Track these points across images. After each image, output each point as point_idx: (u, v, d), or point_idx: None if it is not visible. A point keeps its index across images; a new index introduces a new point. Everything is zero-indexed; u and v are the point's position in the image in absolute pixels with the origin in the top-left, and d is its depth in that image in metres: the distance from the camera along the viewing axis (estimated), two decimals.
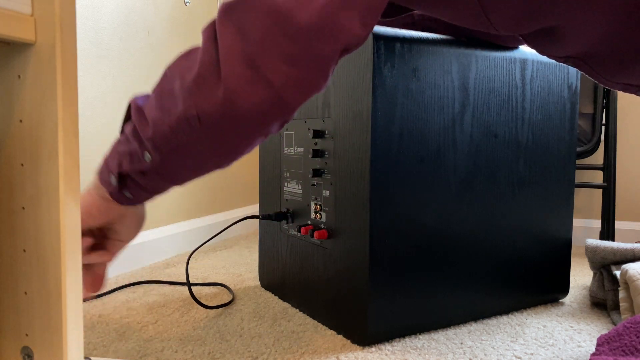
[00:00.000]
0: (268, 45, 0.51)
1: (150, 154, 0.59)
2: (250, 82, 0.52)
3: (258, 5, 0.52)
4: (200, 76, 0.54)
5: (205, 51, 0.56)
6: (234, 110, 0.53)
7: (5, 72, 0.58)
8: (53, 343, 0.59)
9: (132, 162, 0.61)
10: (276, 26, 0.51)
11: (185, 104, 0.55)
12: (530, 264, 1.05)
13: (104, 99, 1.30)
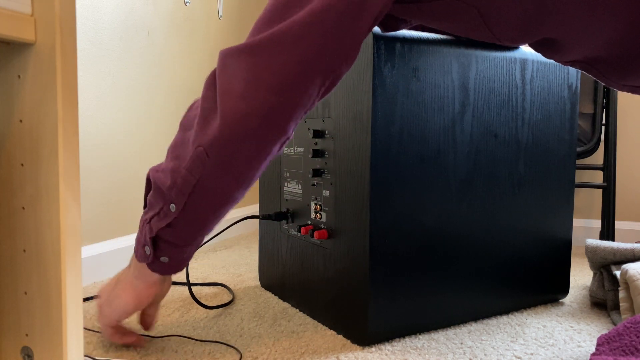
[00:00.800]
0: (252, 81, 0.59)
1: (174, 203, 0.65)
2: (242, 111, 0.59)
3: (243, 59, 0.61)
4: (201, 117, 0.61)
5: (205, 98, 0.63)
6: (232, 135, 0.59)
7: (5, 72, 0.58)
8: (53, 343, 0.59)
9: (160, 220, 0.67)
10: (255, 67, 0.60)
11: (194, 145, 0.61)
12: (530, 264, 1.05)
13: (104, 99, 1.30)
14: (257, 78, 0.57)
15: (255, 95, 0.57)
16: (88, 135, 1.26)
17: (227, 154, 0.60)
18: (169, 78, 1.54)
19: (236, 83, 0.58)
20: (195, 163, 0.61)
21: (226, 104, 0.58)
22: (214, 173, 0.61)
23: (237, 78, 0.58)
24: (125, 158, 1.38)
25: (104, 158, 1.31)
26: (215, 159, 0.60)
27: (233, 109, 0.57)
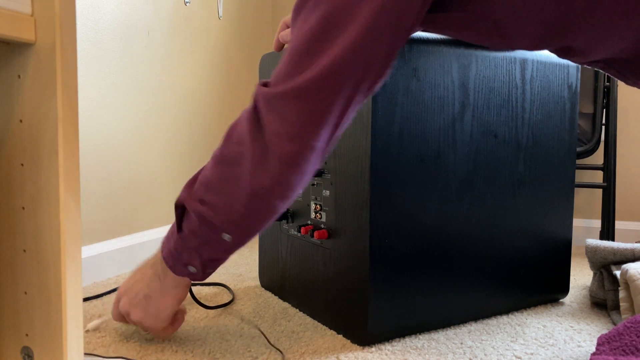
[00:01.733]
0: (303, 123, 0.62)
1: (229, 234, 0.69)
2: (295, 151, 0.64)
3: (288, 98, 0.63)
4: (255, 158, 0.63)
5: (253, 138, 0.64)
6: (288, 174, 0.64)
7: (5, 72, 0.58)
8: (53, 343, 0.59)
9: (214, 249, 0.71)
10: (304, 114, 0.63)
11: (253, 185, 0.65)
12: (530, 264, 1.05)
13: (104, 99, 1.30)
14: (306, 120, 0.61)
15: (306, 136, 0.62)
16: (88, 135, 1.26)
17: (284, 190, 0.65)
18: (168, 78, 1.54)
19: (287, 125, 0.61)
20: (255, 201, 0.66)
21: (280, 146, 0.62)
22: (274, 208, 0.67)
23: (288, 121, 0.61)
24: (125, 158, 1.38)
25: (104, 158, 1.31)
26: (275, 196, 0.65)
27: (288, 150, 0.62)
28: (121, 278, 1.29)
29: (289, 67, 0.61)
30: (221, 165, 0.67)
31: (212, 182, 0.67)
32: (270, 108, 0.62)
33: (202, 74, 1.71)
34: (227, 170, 0.66)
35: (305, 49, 0.60)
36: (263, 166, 0.63)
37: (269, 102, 0.62)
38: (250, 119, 0.64)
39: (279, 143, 0.61)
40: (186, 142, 1.64)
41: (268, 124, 0.62)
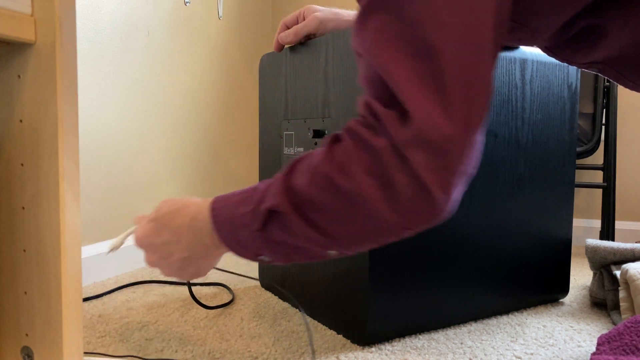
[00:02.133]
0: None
1: (335, 251, 0.59)
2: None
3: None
4: (406, 199, 0.51)
5: (403, 173, 0.51)
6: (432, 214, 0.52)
7: (5, 72, 0.58)
8: (53, 343, 0.59)
9: (307, 257, 0.61)
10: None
11: (399, 223, 0.53)
12: (530, 264, 1.05)
13: (104, 99, 1.30)
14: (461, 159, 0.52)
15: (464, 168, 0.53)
16: (88, 135, 1.26)
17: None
18: (168, 78, 1.54)
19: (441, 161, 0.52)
20: (388, 235, 0.57)
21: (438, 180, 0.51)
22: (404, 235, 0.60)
23: (444, 160, 0.51)
24: (125, 158, 1.38)
25: (104, 158, 1.31)
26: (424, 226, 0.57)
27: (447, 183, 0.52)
28: (121, 278, 1.29)
29: (430, 105, 0.49)
30: (341, 200, 0.54)
31: (326, 209, 0.56)
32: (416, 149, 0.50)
33: (202, 74, 1.71)
34: (350, 207, 0.55)
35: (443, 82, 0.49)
36: (416, 206, 0.52)
37: (416, 145, 0.50)
38: (389, 155, 0.51)
39: (436, 178, 0.50)
40: (186, 142, 1.64)
41: (415, 162, 0.50)
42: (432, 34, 0.47)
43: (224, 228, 0.63)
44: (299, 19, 0.99)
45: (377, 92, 0.51)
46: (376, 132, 0.50)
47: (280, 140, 1.09)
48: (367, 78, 0.53)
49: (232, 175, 1.90)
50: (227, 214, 0.62)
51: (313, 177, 0.54)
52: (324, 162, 0.52)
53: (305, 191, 0.55)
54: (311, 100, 0.98)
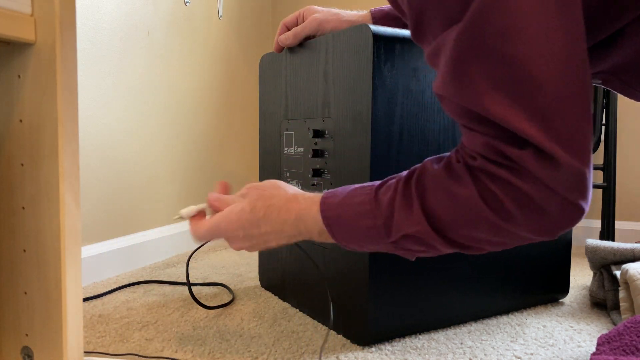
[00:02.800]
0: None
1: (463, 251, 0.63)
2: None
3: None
4: (558, 219, 0.55)
5: (555, 202, 0.54)
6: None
7: (5, 72, 0.58)
8: (53, 343, 0.59)
9: (435, 254, 0.64)
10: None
11: (549, 237, 0.57)
12: (530, 264, 1.05)
13: (104, 99, 1.30)
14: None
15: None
16: (88, 135, 1.26)
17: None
18: (169, 78, 1.54)
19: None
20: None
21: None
22: None
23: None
24: (125, 158, 1.38)
25: (104, 158, 1.31)
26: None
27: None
28: (121, 278, 1.29)
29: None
30: (493, 231, 0.57)
31: (473, 236, 0.59)
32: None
33: (202, 74, 1.71)
34: (500, 234, 0.57)
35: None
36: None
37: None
38: (537, 190, 0.53)
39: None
40: (186, 142, 1.64)
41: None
42: (537, 70, 0.48)
43: (342, 235, 0.64)
44: (298, 20, 0.99)
45: (496, 132, 0.52)
46: (517, 172, 0.52)
47: (280, 140, 1.09)
48: (468, 117, 0.54)
49: (232, 175, 1.90)
50: (346, 224, 0.63)
51: (461, 211, 0.56)
52: (475, 200, 0.55)
53: (449, 220, 0.58)
54: (311, 100, 0.98)
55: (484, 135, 0.53)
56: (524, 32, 0.48)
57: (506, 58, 0.49)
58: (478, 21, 0.49)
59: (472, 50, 0.50)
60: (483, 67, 0.50)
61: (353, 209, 0.63)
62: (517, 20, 0.48)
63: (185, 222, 1.64)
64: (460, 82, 0.52)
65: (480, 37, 0.50)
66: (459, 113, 0.55)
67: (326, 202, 0.64)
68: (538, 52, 0.48)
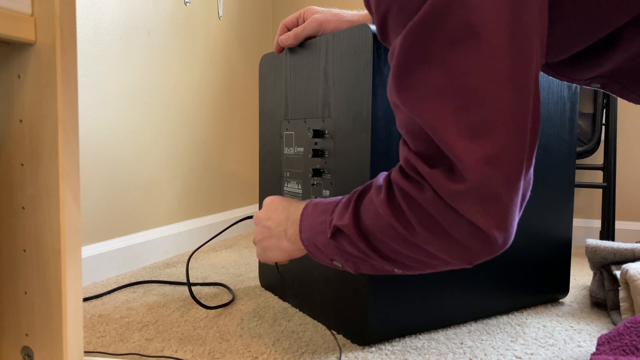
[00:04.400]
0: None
1: (399, 270, 0.62)
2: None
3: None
4: (464, 244, 0.53)
5: (459, 223, 0.53)
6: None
7: (5, 72, 0.59)
8: (53, 343, 0.59)
9: (376, 270, 0.64)
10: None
11: (457, 262, 0.56)
12: (530, 264, 1.05)
13: (104, 99, 1.30)
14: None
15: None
16: (88, 135, 1.26)
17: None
18: (169, 78, 1.54)
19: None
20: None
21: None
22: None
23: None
24: (125, 158, 1.38)
25: (104, 158, 1.31)
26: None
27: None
28: (121, 278, 1.29)
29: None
30: (402, 242, 0.57)
31: (387, 244, 0.59)
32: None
33: (202, 74, 1.71)
34: (409, 248, 0.57)
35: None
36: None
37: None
38: (440, 210, 0.53)
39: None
40: (186, 142, 1.64)
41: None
42: (479, 84, 0.47)
43: (306, 230, 0.69)
44: (299, 21, 0.99)
45: (418, 146, 0.52)
46: (421, 189, 0.51)
47: (280, 140, 1.09)
48: (406, 129, 0.53)
49: (232, 175, 1.90)
50: (310, 220, 0.68)
51: (376, 217, 0.57)
52: (383, 207, 0.56)
53: (369, 225, 0.59)
54: (311, 100, 0.98)
55: (408, 149, 0.53)
56: (471, 43, 0.47)
57: (450, 66, 0.48)
58: (426, 24, 0.48)
59: (417, 54, 0.49)
60: (426, 72, 0.49)
61: (321, 207, 0.67)
62: (467, 29, 0.47)
63: (185, 222, 1.64)
64: (405, 86, 0.51)
65: (426, 41, 0.48)
66: (403, 124, 0.54)
67: (311, 201, 0.71)
68: (483, 66, 0.47)
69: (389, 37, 0.55)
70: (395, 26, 0.52)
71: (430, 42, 0.48)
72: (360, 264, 0.65)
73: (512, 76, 0.47)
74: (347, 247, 0.63)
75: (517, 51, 0.47)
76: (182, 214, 1.63)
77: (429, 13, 0.48)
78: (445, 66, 0.48)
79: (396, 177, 0.54)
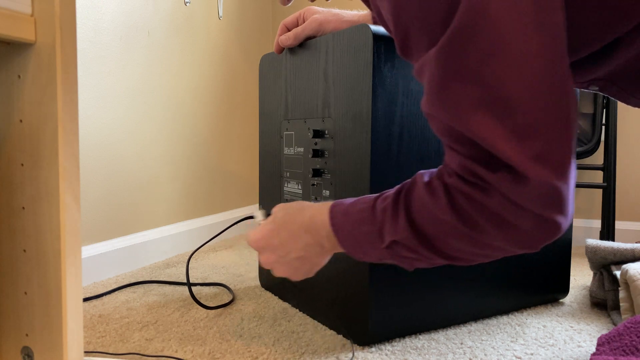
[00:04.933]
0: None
1: (460, 263, 0.64)
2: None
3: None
4: (532, 234, 0.57)
5: (527, 219, 0.56)
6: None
7: (5, 72, 0.59)
8: (53, 343, 0.59)
9: (431, 264, 0.65)
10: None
11: (525, 249, 0.59)
12: (530, 264, 1.05)
13: (104, 99, 1.30)
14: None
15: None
16: (88, 135, 1.26)
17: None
18: (169, 78, 1.54)
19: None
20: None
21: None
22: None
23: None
24: (126, 158, 1.38)
25: (104, 158, 1.31)
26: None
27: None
28: (121, 278, 1.29)
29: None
30: (469, 242, 0.60)
31: (452, 245, 0.62)
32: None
33: (202, 74, 1.71)
34: (476, 245, 0.61)
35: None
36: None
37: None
38: (508, 210, 0.56)
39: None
40: (186, 142, 1.64)
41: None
42: (516, 91, 0.50)
43: (347, 240, 0.68)
44: (299, 21, 0.99)
45: (468, 151, 0.54)
46: (487, 192, 0.54)
47: (280, 140, 1.09)
48: (449, 136, 0.56)
49: (232, 175, 1.91)
50: (349, 230, 0.68)
51: (437, 223, 0.59)
52: (447, 213, 0.57)
53: (430, 231, 0.60)
54: (311, 100, 0.98)
55: (460, 155, 0.56)
56: (502, 54, 0.49)
57: (486, 79, 0.50)
58: (457, 42, 0.50)
59: (453, 70, 0.52)
60: (464, 87, 0.51)
61: (355, 216, 0.66)
62: (496, 42, 0.49)
63: (185, 222, 1.64)
64: (444, 102, 0.53)
65: (460, 58, 0.51)
66: (443, 131, 0.56)
67: (334, 209, 0.68)
68: (516, 73, 0.49)
69: (412, 53, 0.57)
70: (419, 42, 0.54)
71: (464, 57, 0.50)
72: (417, 262, 0.66)
73: (545, 76, 0.50)
74: (404, 253, 0.64)
75: (547, 52, 0.50)
76: (182, 214, 1.63)
77: (459, 30, 0.50)
78: (481, 79, 0.50)
79: (456, 183, 0.56)
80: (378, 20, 0.63)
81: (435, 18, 0.52)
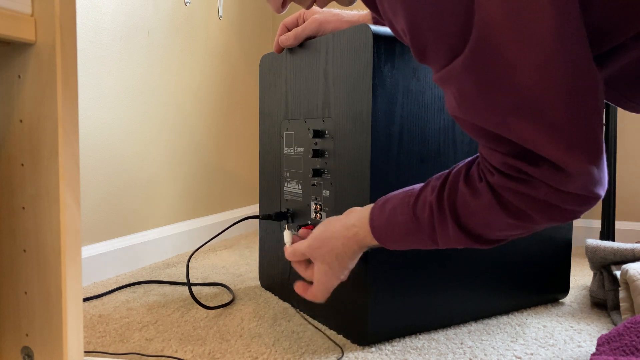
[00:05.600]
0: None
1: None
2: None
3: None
4: (577, 211, 0.63)
5: (573, 203, 0.62)
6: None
7: (5, 72, 0.58)
8: (53, 343, 0.59)
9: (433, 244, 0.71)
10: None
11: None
12: (530, 264, 1.05)
13: (104, 99, 1.30)
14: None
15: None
16: (88, 135, 1.26)
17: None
18: (169, 78, 1.54)
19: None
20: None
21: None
22: None
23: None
24: (125, 158, 1.38)
25: (104, 158, 1.31)
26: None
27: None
28: (121, 278, 1.29)
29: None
30: (519, 230, 0.66)
31: (504, 239, 0.69)
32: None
33: (202, 74, 1.71)
34: (527, 231, 0.67)
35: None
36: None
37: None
38: (555, 198, 0.61)
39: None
40: (186, 142, 1.64)
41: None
42: (542, 95, 0.53)
43: (394, 246, 0.74)
44: (299, 21, 0.99)
45: (507, 148, 0.58)
46: (533, 186, 0.59)
47: (280, 140, 1.09)
48: (485, 137, 0.60)
49: (232, 175, 1.90)
50: (400, 241, 0.73)
51: (488, 223, 0.65)
52: (494, 210, 0.63)
53: (480, 231, 0.66)
54: (311, 100, 0.98)
55: (500, 153, 0.59)
56: (525, 61, 0.52)
57: (514, 86, 0.53)
58: (482, 54, 0.53)
59: (484, 81, 0.55)
60: (498, 95, 0.55)
61: (399, 229, 0.72)
62: (516, 50, 0.52)
63: (185, 222, 1.64)
64: (481, 109, 0.57)
65: (488, 69, 0.54)
66: (478, 134, 0.60)
67: (374, 226, 0.74)
68: (540, 78, 0.52)
69: (431, 62, 0.60)
70: (438, 53, 0.57)
71: (492, 68, 0.53)
72: (459, 246, 0.72)
73: (566, 77, 0.53)
74: (454, 245, 0.70)
75: (569, 50, 0.53)
76: (182, 214, 1.63)
77: (481, 41, 0.53)
78: (511, 87, 0.53)
79: (500, 181, 0.60)
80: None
81: (452, 29, 0.54)
